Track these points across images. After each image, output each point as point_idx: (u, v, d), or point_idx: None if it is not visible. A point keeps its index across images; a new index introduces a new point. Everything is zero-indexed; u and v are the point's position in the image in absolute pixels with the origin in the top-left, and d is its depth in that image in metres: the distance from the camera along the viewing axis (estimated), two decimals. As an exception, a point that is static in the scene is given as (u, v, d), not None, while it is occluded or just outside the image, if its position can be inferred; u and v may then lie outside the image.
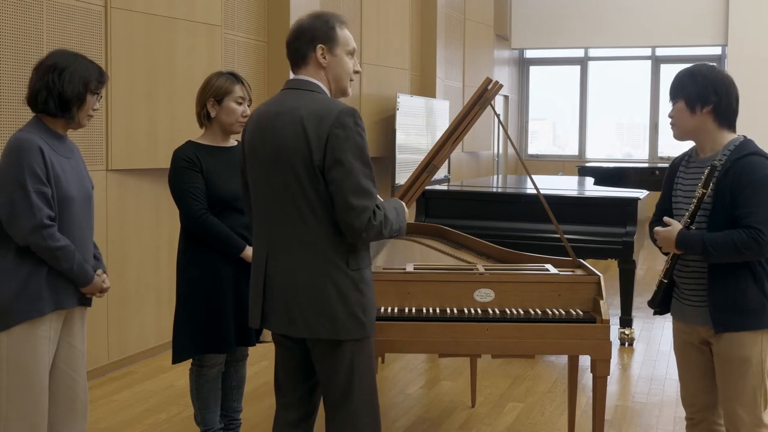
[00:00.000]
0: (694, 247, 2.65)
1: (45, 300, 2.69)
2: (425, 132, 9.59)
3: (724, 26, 13.03)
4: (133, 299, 5.18)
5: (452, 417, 4.30)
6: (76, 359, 2.87)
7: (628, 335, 5.76)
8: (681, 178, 2.85)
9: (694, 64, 2.80)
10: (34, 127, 2.75)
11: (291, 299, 2.48)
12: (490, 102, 3.48)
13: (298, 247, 2.47)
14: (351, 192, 2.38)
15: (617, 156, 14.85)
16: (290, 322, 2.50)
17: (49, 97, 2.70)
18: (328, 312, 2.45)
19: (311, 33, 2.53)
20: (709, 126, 2.72)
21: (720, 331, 2.67)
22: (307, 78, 2.55)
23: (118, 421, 4.20)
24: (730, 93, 2.71)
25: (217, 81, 3.35)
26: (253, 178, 2.57)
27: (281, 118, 2.48)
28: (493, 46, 12.95)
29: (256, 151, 2.54)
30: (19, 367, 2.68)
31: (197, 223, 3.24)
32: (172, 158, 3.33)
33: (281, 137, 2.46)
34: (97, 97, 2.82)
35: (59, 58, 2.76)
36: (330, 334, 2.47)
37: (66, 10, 4.63)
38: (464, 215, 5.80)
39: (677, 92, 2.76)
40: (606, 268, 7.60)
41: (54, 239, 2.65)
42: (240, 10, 6.24)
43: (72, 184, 2.76)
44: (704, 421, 2.86)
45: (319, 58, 2.53)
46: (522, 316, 3.15)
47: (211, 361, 3.39)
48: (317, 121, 2.41)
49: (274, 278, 2.52)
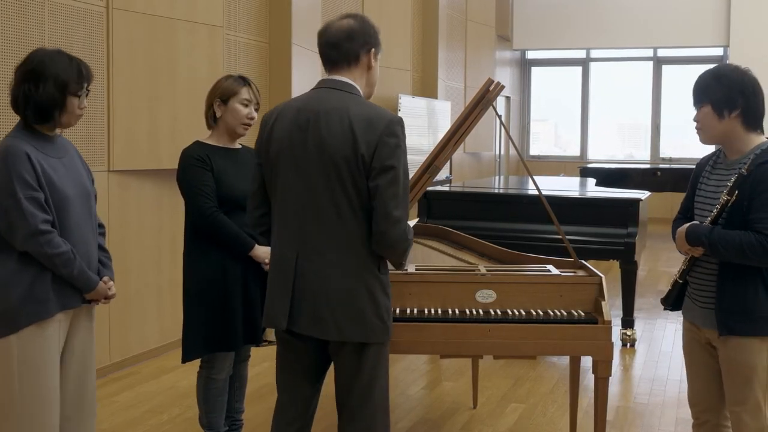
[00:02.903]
0: (701, 239, 2.63)
1: (52, 301, 2.70)
2: (427, 133, 9.60)
3: (725, 27, 13.03)
4: (134, 300, 5.18)
5: (454, 418, 4.30)
6: (85, 356, 2.87)
7: (629, 336, 5.75)
8: (705, 178, 2.80)
9: (717, 65, 2.74)
10: (21, 132, 2.72)
11: (323, 301, 2.46)
12: (491, 103, 3.48)
13: (334, 248, 2.46)
14: (393, 201, 2.41)
15: (619, 157, 14.86)
16: (320, 324, 2.48)
17: (26, 106, 2.68)
18: (359, 315, 2.46)
19: (364, 36, 2.56)
20: (737, 130, 2.66)
21: (724, 334, 2.65)
22: (345, 79, 2.54)
23: (119, 422, 4.20)
24: (757, 94, 2.64)
25: (224, 83, 3.38)
26: (284, 176, 2.52)
27: (326, 118, 2.45)
28: (494, 47, 12.96)
29: (292, 148, 2.49)
30: (29, 367, 2.68)
31: (208, 221, 3.25)
32: (181, 157, 3.33)
33: (327, 137, 2.43)
34: (82, 96, 2.76)
35: (36, 63, 2.70)
36: (360, 337, 2.48)
37: (67, 11, 4.63)
38: (466, 216, 5.80)
39: (702, 96, 2.68)
40: (607, 269, 7.59)
41: (51, 245, 2.64)
42: (241, 10, 6.24)
43: (67, 183, 2.74)
44: (709, 421, 2.85)
45: (371, 60, 2.58)
46: (523, 317, 3.15)
47: (219, 365, 3.38)
48: (367, 126, 2.41)
49: (305, 279, 2.48)
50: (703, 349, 2.81)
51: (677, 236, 2.76)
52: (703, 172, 2.83)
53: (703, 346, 2.81)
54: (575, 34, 14.06)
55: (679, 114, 13.46)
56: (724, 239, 2.58)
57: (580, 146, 14.96)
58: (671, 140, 14.21)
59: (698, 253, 2.70)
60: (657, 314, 6.66)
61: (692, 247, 2.69)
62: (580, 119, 14.93)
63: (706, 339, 2.79)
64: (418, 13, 10.07)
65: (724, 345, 2.69)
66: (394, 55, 9.03)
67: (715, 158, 2.82)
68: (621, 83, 14.68)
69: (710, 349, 2.79)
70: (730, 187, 2.61)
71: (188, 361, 3.34)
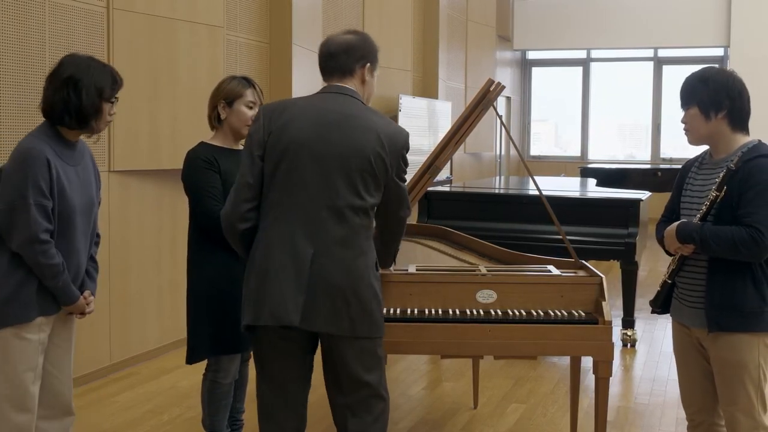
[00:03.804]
0: (692, 235, 2.64)
1: (34, 305, 2.71)
2: (427, 133, 9.60)
3: (726, 27, 13.03)
4: (135, 300, 5.18)
5: (454, 418, 4.30)
6: (61, 358, 2.88)
7: (630, 336, 5.75)
8: (692, 179, 2.83)
9: (703, 68, 2.78)
10: (45, 134, 2.74)
11: (340, 298, 2.53)
12: (492, 103, 3.48)
13: (349, 247, 2.55)
14: (402, 204, 2.72)
15: (619, 157, 14.86)
16: (336, 320, 2.54)
17: (64, 112, 2.70)
18: (369, 311, 2.58)
19: (362, 51, 2.69)
20: (724, 130, 2.70)
21: (714, 330, 2.66)
22: (350, 87, 2.68)
23: (120, 423, 4.20)
24: (743, 96, 2.69)
25: (228, 84, 3.36)
26: (298, 171, 2.55)
27: (354, 122, 2.58)
28: (495, 47, 12.96)
29: (317, 143, 2.55)
30: (8, 369, 2.70)
31: (216, 223, 3.21)
32: (187, 158, 3.32)
33: (355, 141, 2.56)
34: (113, 103, 2.81)
35: (74, 69, 2.73)
36: (371, 332, 2.61)
37: (68, 12, 4.63)
38: (466, 216, 5.80)
39: (690, 98, 2.74)
40: (608, 269, 7.59)
41: (46, 256, 2.66)
42: (242, 11, 6.24)
43: (76, 194, 2.77)
44: (704, 422, 2.85)
45: (365, 75, 2.71)
46: (524, 317, 3.15)
47: (226, 369, 3.36)
48: (391, 140, 2.62)
49: (321, 276, 2.52)
50: (695, 350, 2.82)
51: (666, 235, 2.77)
52: (689, 173, 2.86)
53: (694, 346, 2.82)
54: (576, 34, 14.06)
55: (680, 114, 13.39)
56: (715, 234, 2.60)
57: (580, 146, 14.96)
58: (672, 140, 14.21)
59: (688, 252, 2.71)
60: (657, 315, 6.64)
61: (683, 244, 2.70)
62: (580, 119, 14.93)
63: (696, 339, 2.79)
64: (419, 13, 10.07)
65: (714, 344, 2.69)
66: (394, 55, 9.03)
67: (701, 159, 2.86)
68: (621, 83, 14.68)
69: (701, 350, 2.79)
70: (719, 182, 2.63)
71: (194, 362, 3.33)
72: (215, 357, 3.34)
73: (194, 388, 4.46)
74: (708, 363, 2.77)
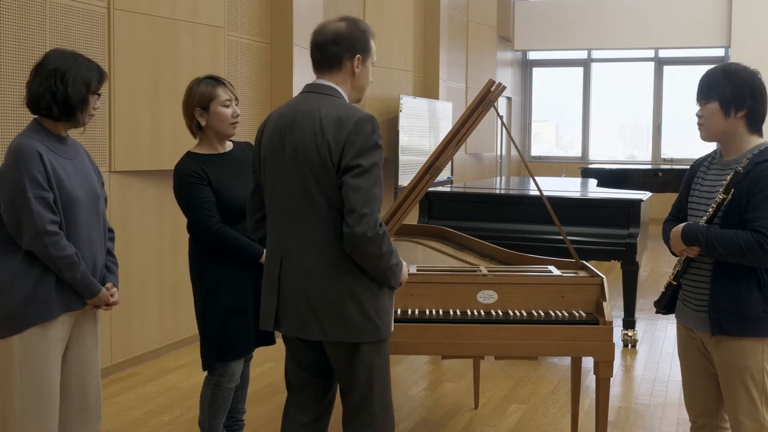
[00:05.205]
0: (698, 238, 2.60)
1: (55, 303, 2.70)
2: (428, 134, 9.59)
3: (726, 28, 13.02)
4: (136, 301, 5.18)
5: (455, 419, 4.30)
6: (88, 360, 2.87)
7: (631, 337, 5.75)
8: (700, 179, 2.79)
9: (727, 63, 2.71)
10: (34, 131, 2.74)
11: (305, 302, 2.50)
12: (493, 104, 3.48)
13: (313, 250, 2.48)
14: (357, 197, 2.37)
15: (620, 157, 14.85)
16: (304, 325, 2.51)
17: (52, 102, 2.70)
18: (342, 315, 2.47)
19: (351, 41, 2.55)
20: (740, 130, 2.65)
21: (716, 334, 2.63)
22: (328, 83, 2.57)
23: (121, 423, 4.20)
24: (765, 98, 2.63)
25: (198, 89, 3.29)
26: (270, 180, 2.57)
27: (300, 121, 2.49)
28: (496, 47, 12.96)
29: (274, 153, 2.55)
30: (31, 369, 2.69)
31: (214, 237, 3.22)
32: (176, 175, 3.29)
33: (300, 140, 2.47)
34: (98, 96, 2.81)
35: (60, 62, 2.73)
36: (345, 336, 2.49)
37: (69, 12, 4.63)
38: (467, 217, 5.80)
39: (710, 92, 2.65)
40: (609, 269, 7.59)
41: (57, 247, 2.65)
42: (243, 11, 6.25)
43: (77, 185, 2.76)
44: (707, 425, 2.83)
45: (354, 67, 2.57)
46: (525, 317, 3.15)
47: (231, 373, 3.36)
48: (336, 126, 2.42)
49: (287, 280, 2.53)
50: (699, 352, 2.80)
51: (672, 236, 2.73)
52: (698, 173, 2.82)
53: (698, 349, 2.80)
54: (576, 34, 14.05)
55: (681, 115, 13.46)
56: (721, 238, 2.56)
57: (581, 147, 14.96)
58: (673, 141, 14.21)
59: (693, 254, 2.68)
60: (658, 315, 6.62)
61: (688, 246, 2.67)
62: (581, 120, 14.93)
63: (700, 342, 2.77)
64: (420, 13, 10.07)
65: (718, 347, 2.67)
66: (395, 55, 9.03)
67: (711, 159, 2.81)
68: (622, 84, 14.67)
69: (705, 352, 2.77)
70: (726, 185, 2.59)
71: (209, 368, 3.35)
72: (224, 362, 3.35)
73: (195, 389, 4.46)
74: (712, 366, 2.75)
